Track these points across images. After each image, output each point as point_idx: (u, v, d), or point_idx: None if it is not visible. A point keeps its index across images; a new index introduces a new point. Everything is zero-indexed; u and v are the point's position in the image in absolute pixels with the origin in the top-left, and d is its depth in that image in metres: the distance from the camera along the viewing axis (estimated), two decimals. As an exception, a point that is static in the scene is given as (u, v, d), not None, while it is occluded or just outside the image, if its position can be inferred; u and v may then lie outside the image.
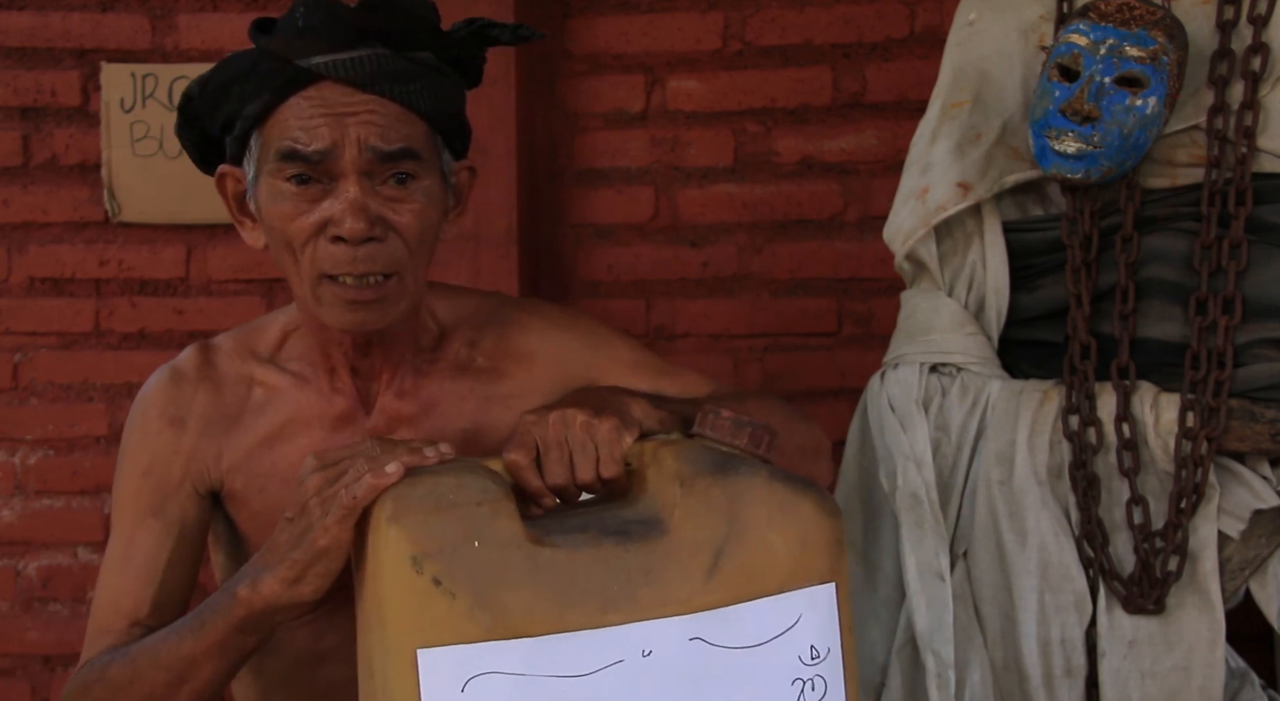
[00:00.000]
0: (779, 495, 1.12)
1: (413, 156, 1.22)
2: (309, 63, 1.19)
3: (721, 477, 1.11)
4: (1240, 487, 1.62)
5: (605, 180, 2.49)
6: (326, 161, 1.19)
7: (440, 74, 1.26)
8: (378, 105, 1.20)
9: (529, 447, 1.12)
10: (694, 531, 1.09)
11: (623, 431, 1.13)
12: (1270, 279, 1.63)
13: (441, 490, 1.06)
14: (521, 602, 1.04)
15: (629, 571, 1.07)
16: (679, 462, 1.12)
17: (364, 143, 1.19)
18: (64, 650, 2.50)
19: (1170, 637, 1.62)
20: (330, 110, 1.19)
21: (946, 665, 1.68)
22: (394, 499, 1.06)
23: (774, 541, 1.11)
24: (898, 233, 1.79)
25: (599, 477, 1.13)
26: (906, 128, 1.94)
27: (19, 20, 2.46)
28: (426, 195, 1.24)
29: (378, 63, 1.21)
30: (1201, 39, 1.69)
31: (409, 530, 1.04)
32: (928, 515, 1.70)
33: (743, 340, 2.47)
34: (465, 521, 1.05)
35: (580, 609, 1.05)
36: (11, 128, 2.47)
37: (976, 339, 1.74)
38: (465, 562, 1.04)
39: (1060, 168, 1.65)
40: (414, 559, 1.03)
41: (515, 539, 1.05)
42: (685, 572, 1.08)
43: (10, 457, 2.49)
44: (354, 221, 1.18)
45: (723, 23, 2.45)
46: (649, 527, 1.09)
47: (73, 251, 2.47)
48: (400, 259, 1.22)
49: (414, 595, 1.03)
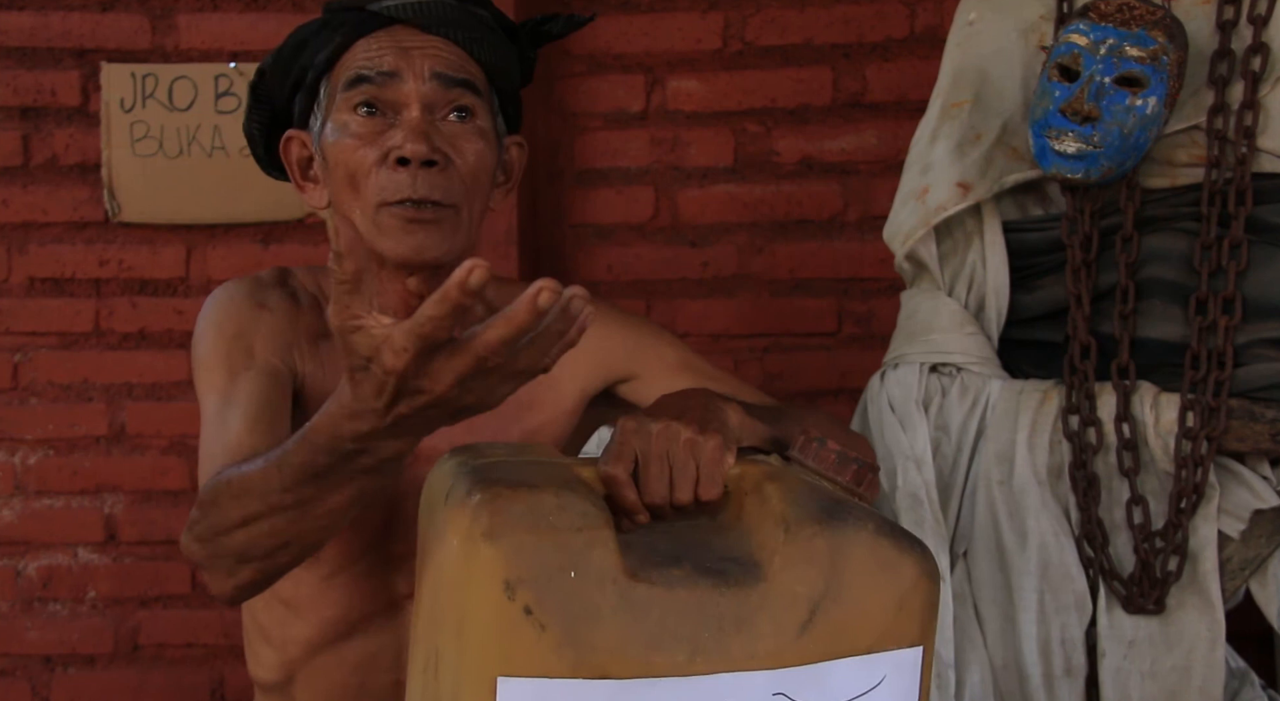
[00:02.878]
0: (883, 552, 1.06)
1: (474, 90, 1.27)
2: (379, 6, 1.26)
3: (827, 527, 1.05)
4: (1240, 487, 1.63)
5: (605, 180, 2.49)
6: (391, 86, 1.24)
7: (498, 33, 1.31)
8: (442, 45, 1.26)
9: (629, 461, 1.07)
10: (793, 582, 1.03)
11: (726, 452, 1.09)
12: (1270, 279, 1.63)
13: (542, 510, 1.00)
14: (610, 641, 0.99)
15: (721, 618, 1.02)
16: (784, 504, 1.06)
17: (430, 70, 1.24)
18: (64, 650, 2.50)
19: (1170, 637, 1.63)
20: (397, 44, 1.25)
21: (946, 665, 1.68)
22: (491, 513, 0.99)
23: (871, 600, 1.05)
24: (898, 233, 1.79)
25: (696, 499, 1.08)
26: (906, 128, 1.94)
27: (19, 20, 2.46)
28: (483, 137, 1.28)
29: (443, 7, 1.27)
30: (1201, 39, 1.69)
31: (505, 552, 0.98)
32: (928, 515, 1.70)
33: (743, 340, 2.47)
34: (563, 549, 0.99)
35: (669, 653, 1.00)
36: (11, 128, 2.47)
37: (976, 339, 1.74)
38: (559, 593, 0.98)
39: (1060, 168, 1.65)
40: (507, 583, 0.98)
41: (611, 571, 1.00)
42: (778, 625, 1.02)
43: (10, 457, 2.49)
44: (415, 143, 1.22)
45: (723, 23, 2.45)
46: (746, 571, 1.04)
47: (73, 251, 2.48)
48: (458, 190, 1.25)
49: (503, 621, 0.98)
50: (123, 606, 2.50)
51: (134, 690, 2.50)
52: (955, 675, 1.68)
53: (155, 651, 2.50)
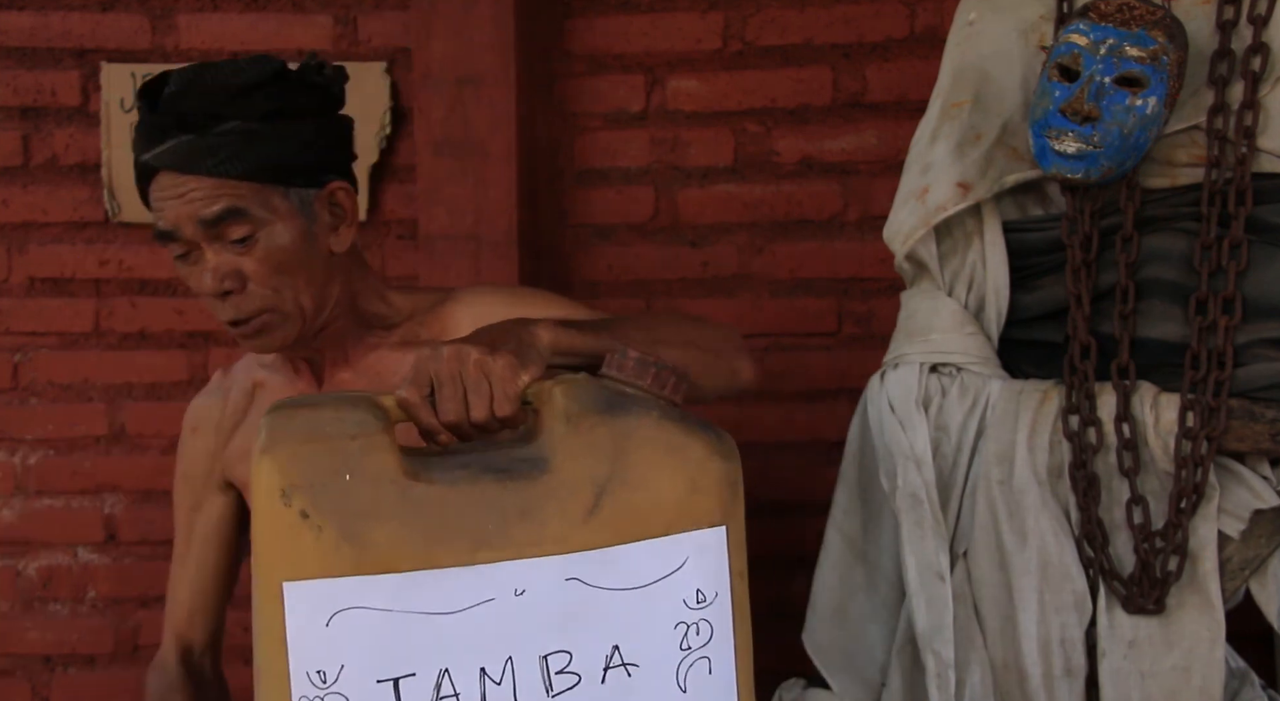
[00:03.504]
0: (668, 435, 1.11)
1: (238, 214, 1.41)
2: (142, 159, 1.43)
3: (609, 417, 1.10)
4: (1240, 487, 1.62)
5: (605, 180, 2.49)
6: (178, 237, 1.42)
7: (250, 136, 1.41)
8: (196, 182, 1.40)
9: (423, 384, 1.12)
10: (576, 470, 1.08)
11: (519, 369, 1.13)
12: (1270, 279, 1.63)
13: (318, 422, 1.06)
14: (390, 537, 1.03)
15: (505, 509, 1.06)
16: (567, 401, 1.11)
17: (194, 218, 1.40)
18: (64, 650, 2.50)
19: (1170, 637, 1.62)
20: (167, 194, 1.42)
21: (946, 665, 1.68)
22: (268, 428, 1.06)
23: (660, 483, 1.10)
24: (898, 233, 1.79)
25: (494, 416, 1.12)
26: (906, 128, 1.94)
27: (19, 20, 2.46)
28: (271, 240, 1.43)
29: (186, 149, 1.40)
30: (1201, 39, 1.69)
31: (280, 461, 1.04)
32: (928, 515, 1.70)
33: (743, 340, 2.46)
34: (337, 454, 1.04)
35: (451, 546, 1.05)
36: (11, 128, 2.47)
37: (976, 339, 1.74)
38: (334, 496, 1.03)
39: (1060, 168, 1.65)
40: (283, 491, 1.03)
41: (389, 473, 1.05)
42: (564, 512, 1.07)
43: (10, 457, 2.49)
44: (209, 282, 1.42)
45: (723, 23, 2.45)
46: (532, 466, 1.08)
47: (73, 251, 2.47)
48: (261, 300, 1.44)
49: (282, 527, 1.03)
50: (123, 606, 2.50)
51: (134, 690, 2.50)
52: (955, 675, 1.68)
53: (155, 651, 2.49)
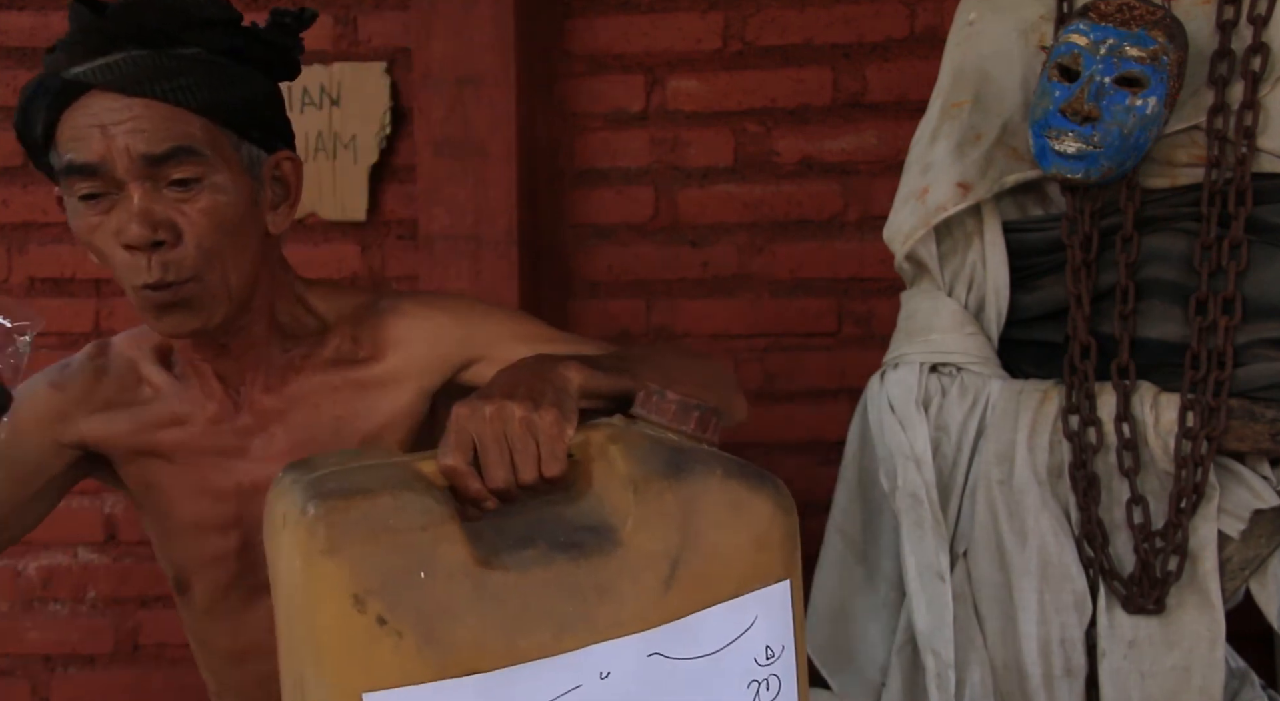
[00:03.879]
0: (734, 494, 1.06)
1: (189, 154, 1.19)
2: (71, 74, 1.19)
3: (675, 481, 1.04)
4: (1240, 487, 1.63)
5: (605, 180, 2.49)
6: (102, 173, 1.18)
7: (215, 68, 1.22)
8: (143, 108, 1.18)
9: (466, 448, 1.04)
10: (649, 542, 1.03)
11: (564, 424, 1.06)
12: (1270, 279, 1.63)
13: (380, 514, 0.97)
14: (471, 635, 0.96)
15: (583, 590, 1.00)
16: (629, 464, 1.05)
17: (134, 151, 1.17)
18: (64, 650, 2.50)
19: (1170, 637, 1.63)
20: (98, 120, 1.18)
21: (946, 665, 1.68)
22: (328, 526, 0.95)
23: (729, 545, 1.05)
24: (898, 233, 1.79)
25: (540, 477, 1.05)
26: (906, 128, 1.94)
27: (19, 20, 2.46)
28: (217, 193, 1.21)
29: (136, 64, 1.18)
30: (1201, 39, 1.69)
31: (348, 564, 0.95)
32: (928, 515, 1.70)
33: (743, 340, 2.47)
34: (408, 550, 0.96)
35: (534, 636, 0.98)
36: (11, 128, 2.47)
37: (976, 339, 1.74)
38: (411, 596, 0.95)
39: (1060, 168, 1.65)
40: (356, 597, 0.94)
41: (462, 565, 0.97)
42: (641, 587, 1.02)
43: (10, 457, 2.49)
44: (137, 228, 1.17)
45: (723, 23, 2.45)
46: (601, 538, 1.02)
47: (73, 251, 2.47)
48: (193, 262, 1.20)
49: (357, 635, 0.94)
50: (123, 606, 2.50)
51: (134, 690, 2.50)
52: (955, 675, 1.68)
53: (155, 651, 2.50)
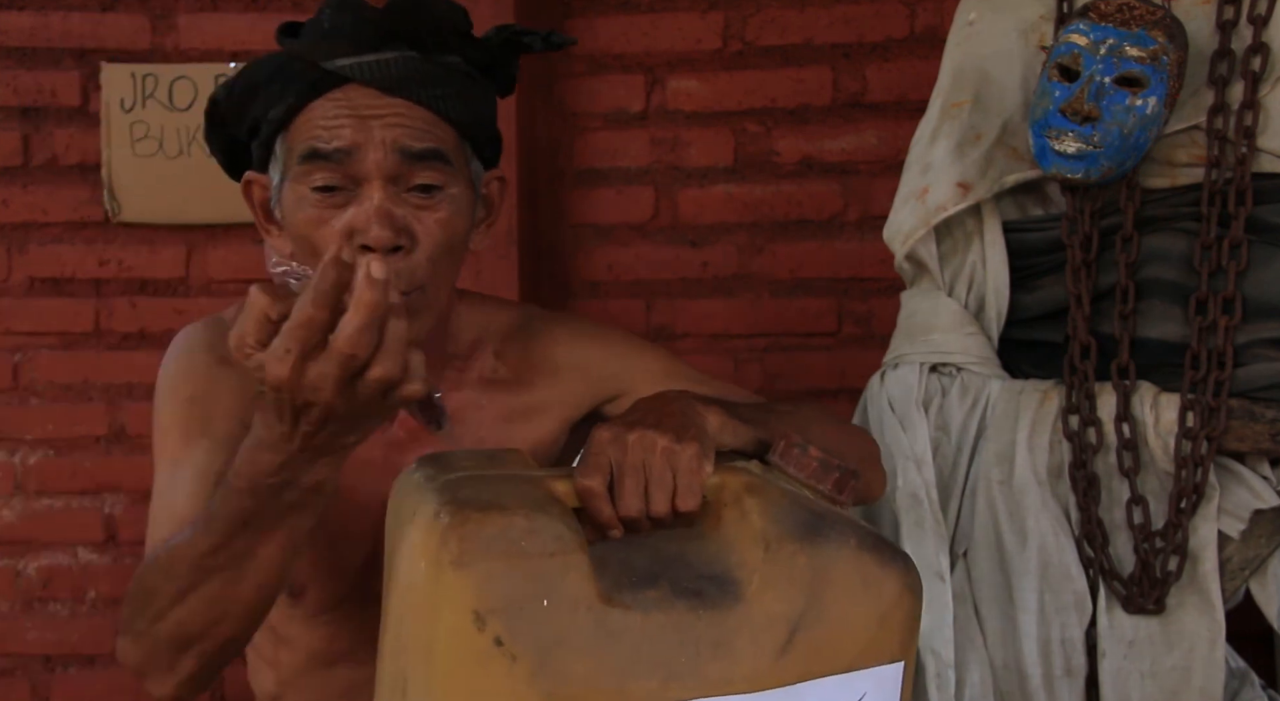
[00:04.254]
0: (865, 568, 1.03)
1: (441, 159, 1.17)
2: (334, 65, 1.16)
3: (808, 544, 1.01)
4: (1240, 487, 1.63)
5: (605, 180, 2.49)
6: (349, 163, 1.14)
7: (470, 80, 1.22)
8: (405, 109, 1.16)
9: (604, 472, 1.02)
10: (772, 603, 1.00)
11: (704, 460, 1.04)
12: (1270, 279, 1.63)
13: (513, 535, 0.95)
14: (584, 670, 0.95)
15: (699, 642, 0.98)
16: (764, 520, 1.02)
17: (391, 143, 1.14)
18: (64, 650, 2.50)
19: (1170, 637, 1.62)
20: (355, 112, 1.15)
21: (946, 665, 1.68)
22: (460, 539, 0.94)
23: (853, 618, 1.02)
24: (898, 233, 1.79)
25: (673, 511, 1.03)
26: (906, 128, 1.94)
27: (19, 20, 2.46)
28: (454, 204, 1.19)
29: (405, 66, 1.16)
30: (1201, 39, 1.69)
31: (475, 580, 0.94)
32: (928, 515, 1.70)
33: (743, 340, 2.47)
34: (535, 576, 0.95)
35: (644, 681, 0.97)
36: (11, 128, 2.47)
37: (976, 339, 1.74)
38: (531, 622, 0.94)
39: (1060, 168, 1.65)
40: (477, 614, 0.93)
41: (585, 598, 0.96)
42: (757, 648, 0.99)
43: (10, 457, 2.49)
44: (380, 228, 1.13)
45: (723, 23, 2.45)
46: (724, 591, 1.00)
47: (73, 251, 2.48)
48: (423, 273, 1.17)
49: (472, 653, 0.94)
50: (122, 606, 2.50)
51: (134, 690, 2.50)
52: (955, 675, 1.68)
53: (155, 651, 2.50)
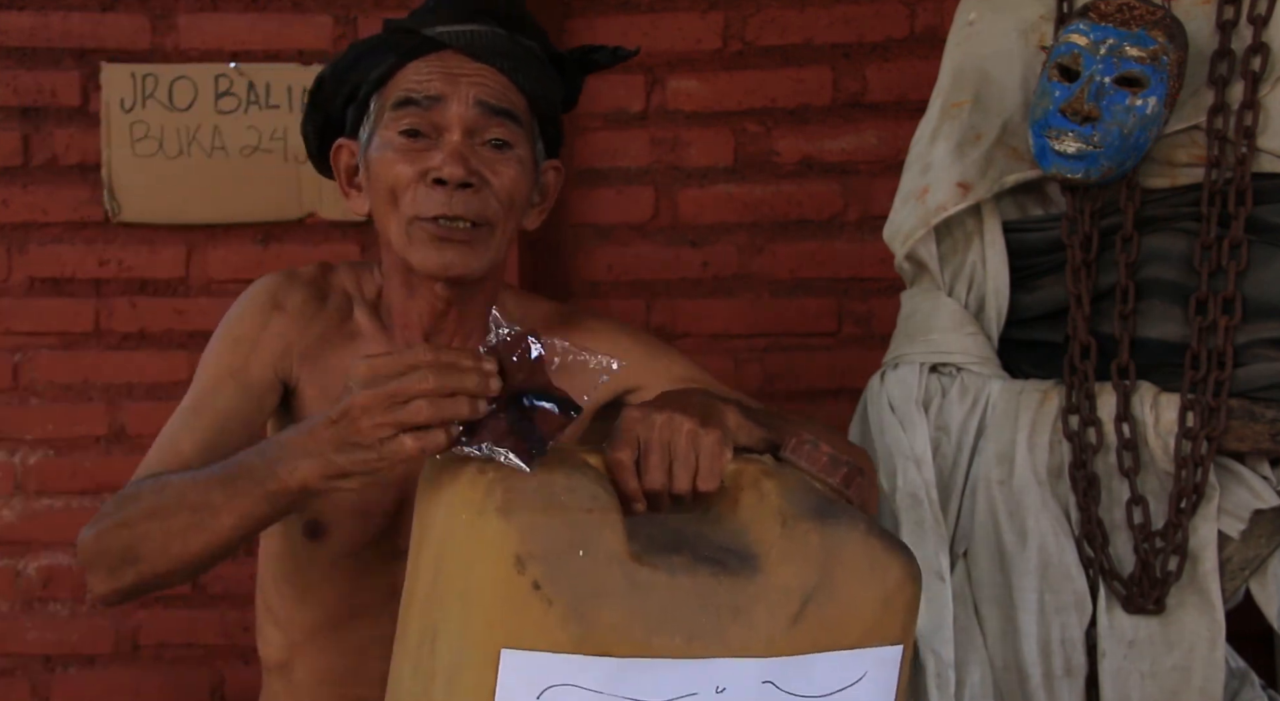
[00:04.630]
0: (873, 552, 1.10)
1: (514, 119, 1.34)
2: (433, 32, 1.34)
3: (822, 524, 1.09)
4: (1240, 487, 1.63)
5: (605, 180, 2.49)
6: (435, 110, 1.32)
7: (544, 64, 1.38)
8: (488, 73, 1.34)
9: (633, 446, 1.11)
10: (787, 575, 1.07)
11: (726, 446, 1.12)
12: (1270, 279, 1.63)
13: (554, 490, 1.03)
14: (614, 620, 1.02)
15: (719, 606, 1.05)
16: (781, 500, 1.09)
17: (473, 97, 1.32)
18: (64, 650, 2.50)
19: (1170, 637, 1.63)
20: (446, 70, 1.33)
21: (946, 665, 1.68)
22: (505, 489, 1.02)
23: (859, 597, 1.09)
24: (898, 233, 1.79)
25: (693, 490, 1.12)
26: (906, 128, 1.94)
27: (19, 20, 2.46)
28: (520, 165, 1.35)
29: (493, 38, 1.35)
30: (1201, 39, 1.69)
31: (518, 527, 1.01)
32: (928, 515, 1.70)
33: (743, 340, 2.47)
34: (574, 527, 1.02)
35: (667, 636, 1.03)
36: (11, 128, 2.47)
37: (976, 339, 1.74)
38: (567, 571, 1.01)
39: (1060, 168, 1.65)
40: (518, 558, 1.00)
41: (618, 553, 1.03)
42: (772, 616, 1.06)
43: (10, 457, 2.49)
44: (453, 166, 1.30)
45: (723, 23, 2.45)
46: (743, 562, 1.07)
47: (73, 251, 2.48)
48: (491, 210, 1.33)
49: (511, 594, 1.00)
50: (122, 606, 2.49)
51: (134, 690, 2.50)
52: (955, 675, 1.68)
53: (155, 651, 2.50)
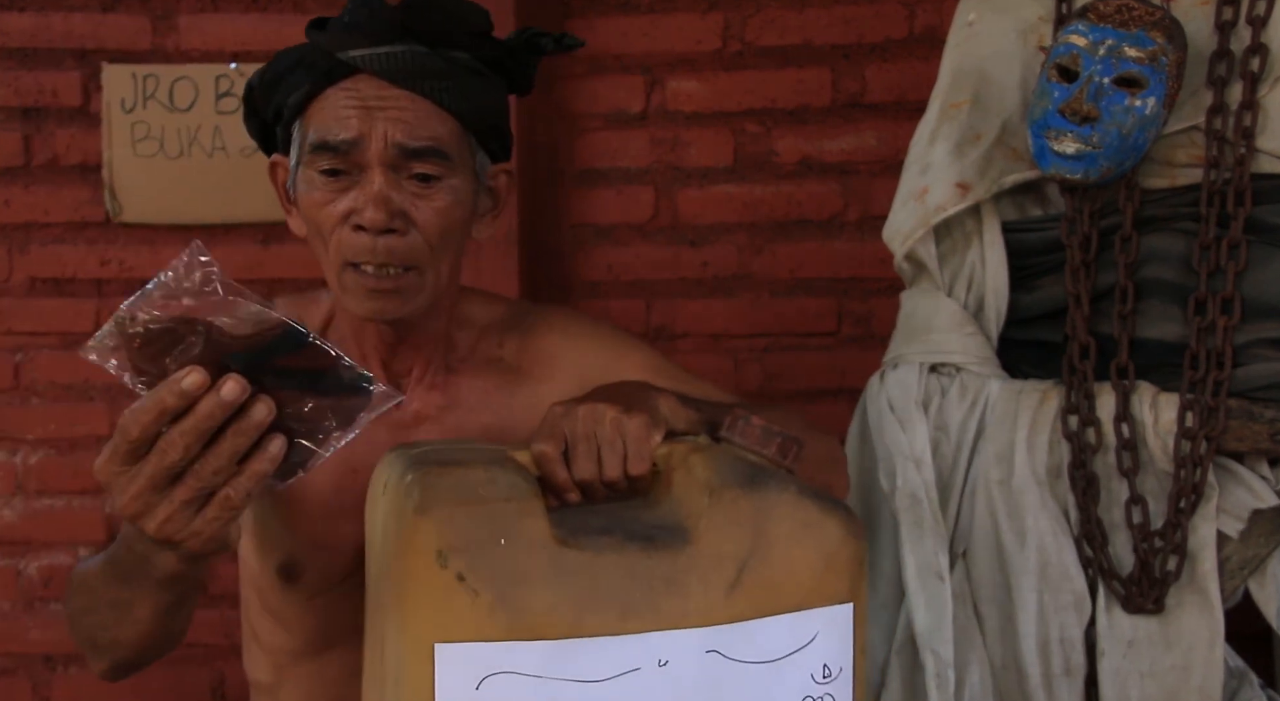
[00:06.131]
0: (806, 512, 1.10)
1: (438, 155, 1.25)
2: (347, 55, 1.24)
3: (750, 490, 1.09)
4: (1239, 487, 1.63)
5: (605, 180, 2.49)
6: (354, 153, 1.23)
7: (477, 75, 1.29)
8: (408, 101, 1.24)
9: (558, 439, 1.12)
10: (719, 543, 1.08)
11: (652, 429, 1.13)
12: (1269, 279, 1.64)
13: (471, 483, 1.05)
14: (543, 604, 1.03)
15: (651, 579, 1.06)
16: (708, 471, 1.11)
17: (390, 138, 1.23)
18: (64, 650, 2.50)
19: (1169, 637, 1.63)
20: (362, 103, 1.24)
21: (946, 665, 1.68)
22: (423, 488, 1.04)
23: (797, 559, 1.09)
24: (897, 233, 1.79)
25: (625, 475, 1.12)
26: (906, 128, 1.94)
27: (20, 21, 2.46)
28: (452, 194, 1.27)
29: (412, 59, 1.25)
30: (1201, 39, 1.69)
31: (437, 522, 1.03)
32: (927, 515, 1.70)
33: (743, 340, 2.47)
34: (493, 518, 1.04)
35: (601, 614, 1.04)
36: (13, 128, 2.47)
37: (976, 339, 1.74)
38: (490, 560, 1.03)
39: (1059, 168, 1.65)
40: (440, 553, 1.02)
41: (541, 539, 1.04)
42: (707, 584, 1.07)
43: (11, 457, 2.49)
44: (374, 212, 1.22)
45: (723, 23, 2.45)
46: (673, 535, 1.08)
47: (73, 251, 2.48)
48: (420, 253, 1.26)
49: (436, 589, 1.02)
50: (123, 606, 2.50)
51: (134, 690, 2.50)
52: (955, 675, 1.68)
53: (156, 651, 2.50)
